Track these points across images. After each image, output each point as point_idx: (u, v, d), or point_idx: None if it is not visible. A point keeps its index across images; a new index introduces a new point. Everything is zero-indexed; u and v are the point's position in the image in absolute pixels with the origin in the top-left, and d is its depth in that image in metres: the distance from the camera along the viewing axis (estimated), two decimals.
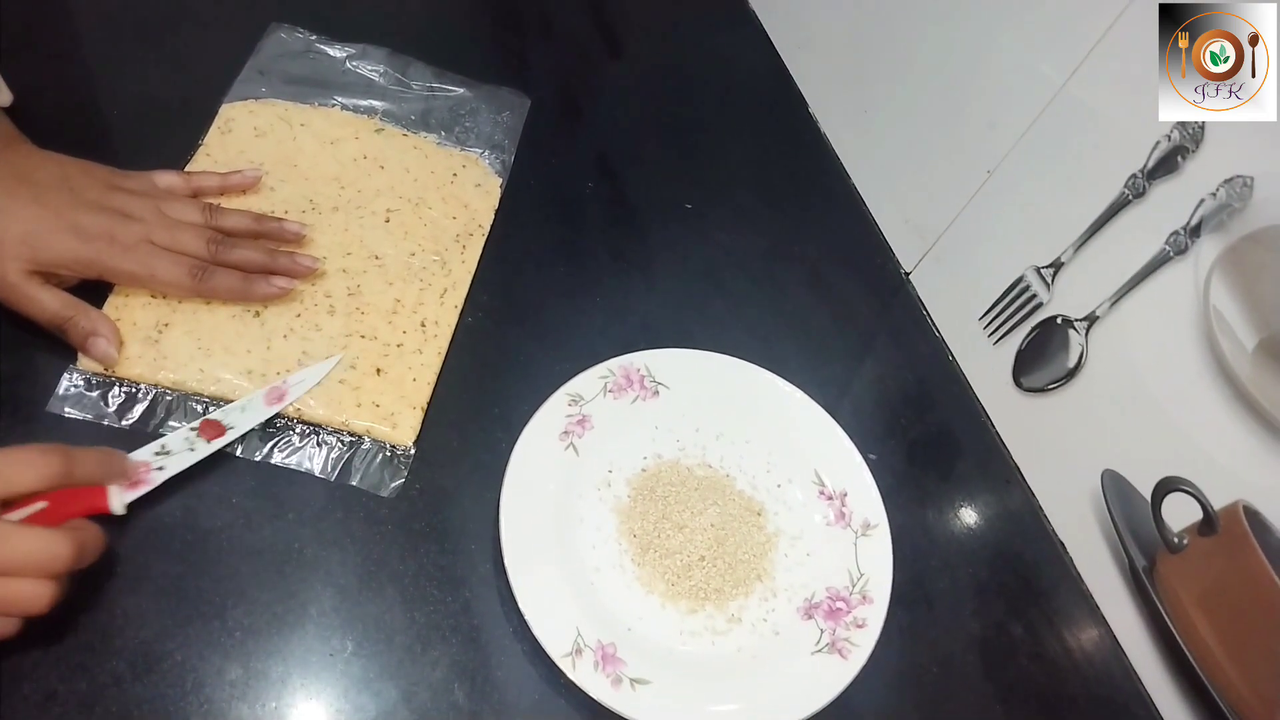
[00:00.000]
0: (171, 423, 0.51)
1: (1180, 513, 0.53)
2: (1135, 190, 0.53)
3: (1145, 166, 0.52)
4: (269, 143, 0.63)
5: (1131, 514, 0.56)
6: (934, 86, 0.67)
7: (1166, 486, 0.53)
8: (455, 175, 0.65)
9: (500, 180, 0.66)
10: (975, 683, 0.55)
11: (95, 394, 0.51)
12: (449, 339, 0.58)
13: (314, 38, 0.69)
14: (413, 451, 0.54)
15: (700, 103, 0.80)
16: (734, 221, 0.72)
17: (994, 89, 0.62)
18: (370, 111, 0.67)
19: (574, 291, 0.64)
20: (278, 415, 0.52)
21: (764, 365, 0.60)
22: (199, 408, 0.52)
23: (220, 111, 0.63)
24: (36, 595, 0.40)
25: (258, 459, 0.51)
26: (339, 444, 0.53)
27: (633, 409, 0.58)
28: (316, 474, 0.52)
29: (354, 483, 0.52)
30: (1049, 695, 0.56)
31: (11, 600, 0.40)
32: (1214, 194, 0.49)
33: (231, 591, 0.47)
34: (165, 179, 0.56)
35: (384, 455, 0.53)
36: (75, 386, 0.51)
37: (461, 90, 0.70)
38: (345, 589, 0.49)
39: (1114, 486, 0.57)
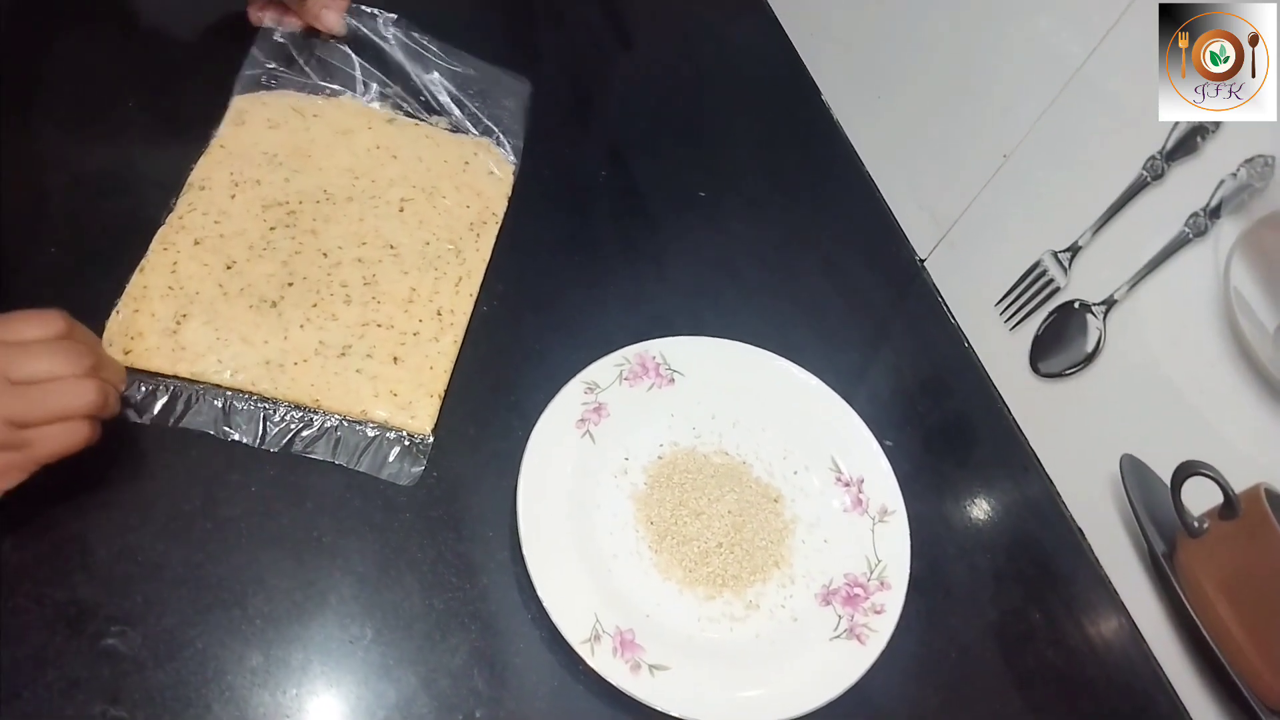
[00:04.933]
0: (190, 417, 0.51)
1: (1200, 497, 0.52)
2: (1154, 172, 0.53)
3: (1164, 148, 0.52)
4: (282, 134, 0.63)
5: (1151, 499, 0.55)
6: (948, 71, 0.66)
7: (1186, 470, 0.53)
8: (468, 163, 0.65)
9: (513, 166, 0.66)
10: (994, 669, 0.55)
11: None
12: (465, 327, 0.58)
13: None
14: (431, 440, 0.54)
15: (712, 91, 0.80)
16: (747, 210, 0.72)
17: (1009, 73, 0.61)
18: (381, 99, 0.66)
19: (588, 280, 0.64)
20: (297, 405, 0.52)
21: (779, 353, 0.60)
22: (218, 403, 0.52)
23: (232, 104, 0.63)
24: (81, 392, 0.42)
25: (275, 449, 0.51)
26: (357, 432, 0.53)
27: (649, 397, 0.58)
28: (335, 462, 0.52)
29: (372, 471, 0.52)
30: (1068, 681, 0.55)
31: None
32: (1234, 174, 0.49)
33: (251, 579, 0.48)
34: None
35: (402, 444, 0.53)
36: None
37: (472, 73, 0.69)
38: (364, 577, 0.49)
39: (1133, 471, 0.56)
